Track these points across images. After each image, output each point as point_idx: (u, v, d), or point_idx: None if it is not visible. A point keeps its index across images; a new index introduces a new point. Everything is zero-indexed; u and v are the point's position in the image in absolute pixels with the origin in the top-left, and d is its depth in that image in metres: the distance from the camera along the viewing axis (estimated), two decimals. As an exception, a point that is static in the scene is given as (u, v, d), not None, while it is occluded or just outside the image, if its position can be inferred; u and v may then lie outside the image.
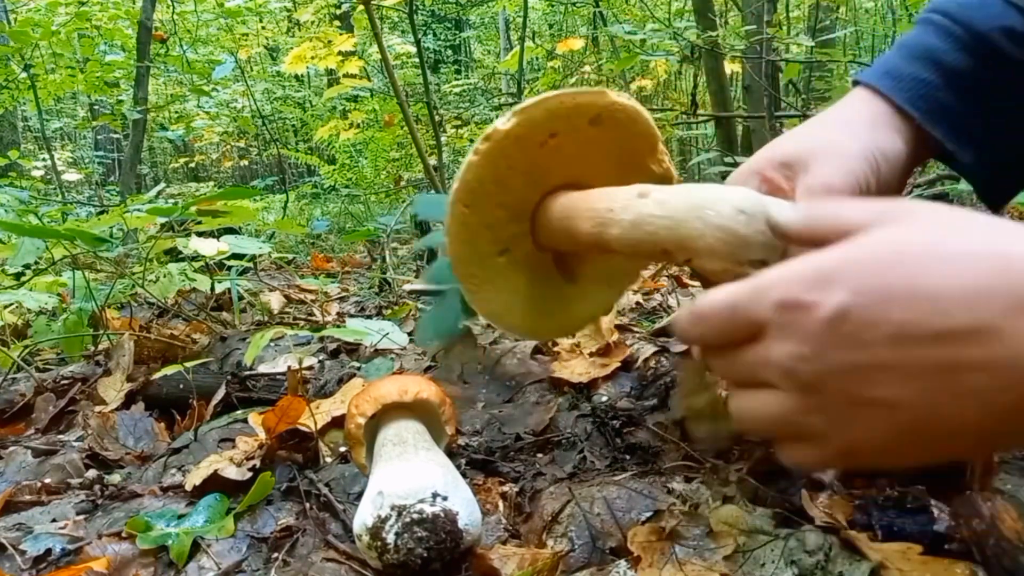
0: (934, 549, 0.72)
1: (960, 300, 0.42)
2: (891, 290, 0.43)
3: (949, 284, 0.42)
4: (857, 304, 0.44)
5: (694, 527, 0.78)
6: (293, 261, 3.61)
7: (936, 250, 0.44)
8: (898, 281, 0.43)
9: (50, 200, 4.85)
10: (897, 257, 0.44)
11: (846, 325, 0.44)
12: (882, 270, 0.44)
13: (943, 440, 0.46)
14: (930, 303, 0.42)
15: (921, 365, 0.43)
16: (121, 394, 1.42)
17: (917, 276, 0.43)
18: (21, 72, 4.67)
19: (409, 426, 0.89)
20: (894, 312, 0.43)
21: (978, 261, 0.43)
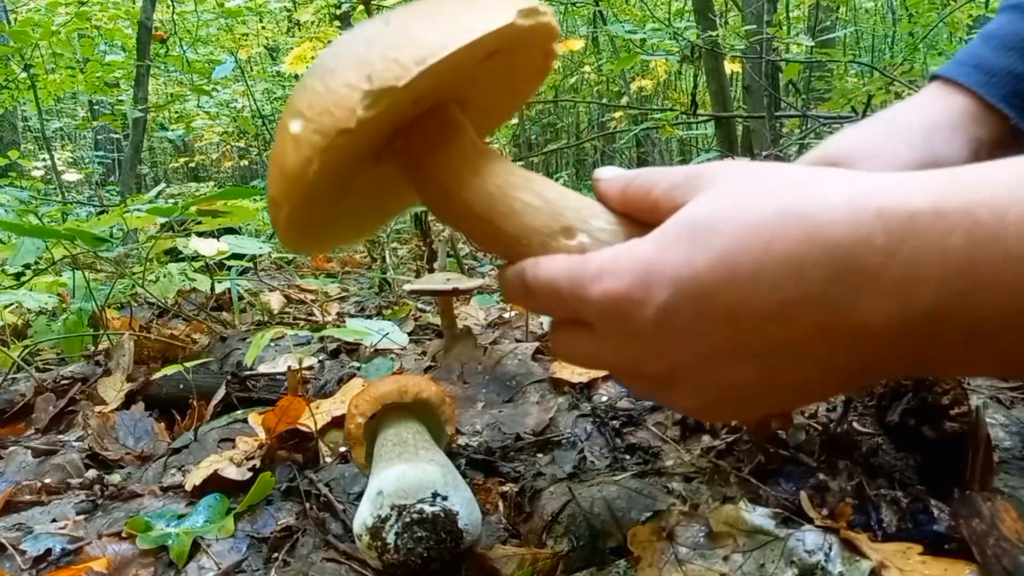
0: (934, 549, 0.72)
1: (777, 277, 0.40)
2: (710, 278, 0.42)
3: (762, 262, 0.40)
4: (681, 299, 0.42)
5: (694, 527, 0.78)
6: (293, 261, 3.61)
7: (744, 225, 0.42)
8: (716, 268, 0.42)
9: (50, 200, 4.85)
10: (706, 240, 0.42)
11: (674, 322, 0.43)
12: (695, 259, 0.42)
13: (793, 396, 0.48)
14: (748, 286, 0.41)
15: (757, 345, 0.43)
16: (121, 394, 1.42)
17: (730, 259, 0.41)
18: (21, 72, 4.67)
19: (409, 426, 0.89)
20: (717, 300, 0.42)
21: (786, 230, 0.40)
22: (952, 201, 0.38)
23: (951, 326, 0.39)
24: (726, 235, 0.41)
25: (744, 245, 0.41)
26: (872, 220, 0.39)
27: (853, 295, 0.39)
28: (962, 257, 0.37)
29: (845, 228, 0.39)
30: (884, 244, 0.38)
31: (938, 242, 0.37)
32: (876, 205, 0.39)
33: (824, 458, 0.87)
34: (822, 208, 0.40)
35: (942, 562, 0.69)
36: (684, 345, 0.44)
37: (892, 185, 0.40)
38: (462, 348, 1.42)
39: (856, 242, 0.39)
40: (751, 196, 0.43)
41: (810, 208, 0.40)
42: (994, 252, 0.36)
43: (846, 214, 0.39)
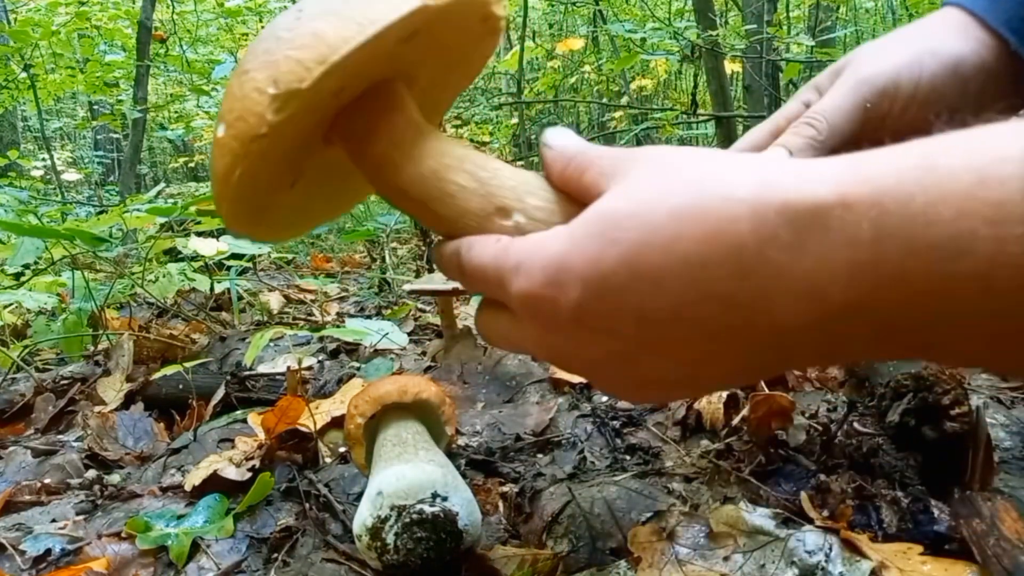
0: (934, 549, 0.72)
1: (682, 279, 0.40)
2: (616, 278, 0.41)
3: (665, 263, 0.40)
4: (591, 298, 0.42)
5: (694, 527, 0.78)
6: (293, 261, 3.61)
7: (647, 224, 0.41)
8: (621, 268, 0.41)
9: (50, 200, 4.85)
10: (613, 237, 0.42)
11: (588, 319, 0.43)
12: (602, 258, 0.42)
13: (716, 384, 0.51)
14: (653, 287, 0.40)
15: (670, 343, 0.43)
16: (120, 394, 1.42)
17: (633, 259, 0.41)
18: (21, 72, 4.67)
19: (409, 426, 0.89)
20: (625, 300, 0.41)
21: (689, 229, 0.39)
22: (859, 191, 0.36)
23: (861, 322, 0.37)
24: (631, 233, 0.41)
25: (647, 244, 0.40)
26: (776, 215, 0.37)
27: (762, 296, 0.38)
28: (869, 251, 0.35)
29: (748, 225, 0.38)
30: (790, 241, 0.37)
31: (845, 236, 0.36)
32: (780, 199, 0.37)
33: (824, 458, 0.87)
34: (725, 204, 0.39)
35: (942, 562, 0.69)
36: (599, 341, 0.44)
37: (797, 174, 0.38)
38: (462, 348, 1.42)
39: (761, 240, 0.37)
40: (658, 190, 0.42)
41: (713, 204, 0.39)
42: (899, 245, 0.35)
43: (749, 210, 0.38)
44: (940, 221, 0.34)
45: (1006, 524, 0.70)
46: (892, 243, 0.35)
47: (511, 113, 7.02)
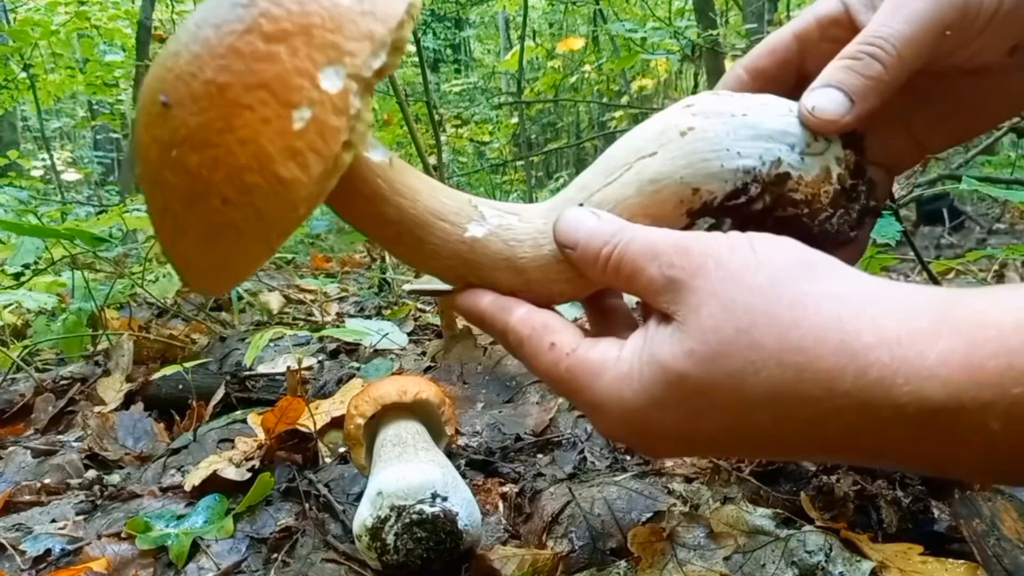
0: (934, 549, 0.72)
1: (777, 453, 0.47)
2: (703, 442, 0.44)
3: (765, 445, 0.42)
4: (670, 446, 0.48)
5: (694, 527, 0.78)
6: (293, 261, 3.61)
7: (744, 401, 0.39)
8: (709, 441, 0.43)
9: (49, 200, 4.85)
10: (702, 409, 0.41)
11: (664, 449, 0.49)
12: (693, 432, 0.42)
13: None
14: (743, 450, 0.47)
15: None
16: (120, 394, 1.42)
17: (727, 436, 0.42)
18: (21, 72, 4.67)
19: (409, 426, 0.89)
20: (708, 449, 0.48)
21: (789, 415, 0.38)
22: (976, 395, 0.34)
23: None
24: (722, 416, 0.40)
25: (744, 433, 0.40)
26: (886, 416, 0.36)
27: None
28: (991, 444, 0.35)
29: (858, 418, 0.36)
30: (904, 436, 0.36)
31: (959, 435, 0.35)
32: (891, 404, 0.35)
33: (824, 458, 0.87)
34: (828, 396, 0.37)
35: (942, 562, 0.69)
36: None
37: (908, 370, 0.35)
38: (462, 348, 1.42)
39: (877, 438, 0.37)
40: (745, 358, 0.38)
41: (814, 393, 0.37)
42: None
43: (858, 406, 0.36)
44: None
45: (1006, 524, 0.70)
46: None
47: (511, 113, 7.02)
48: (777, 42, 0.57)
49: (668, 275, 0.43)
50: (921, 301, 0.37)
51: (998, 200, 3.79)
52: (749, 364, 0.38)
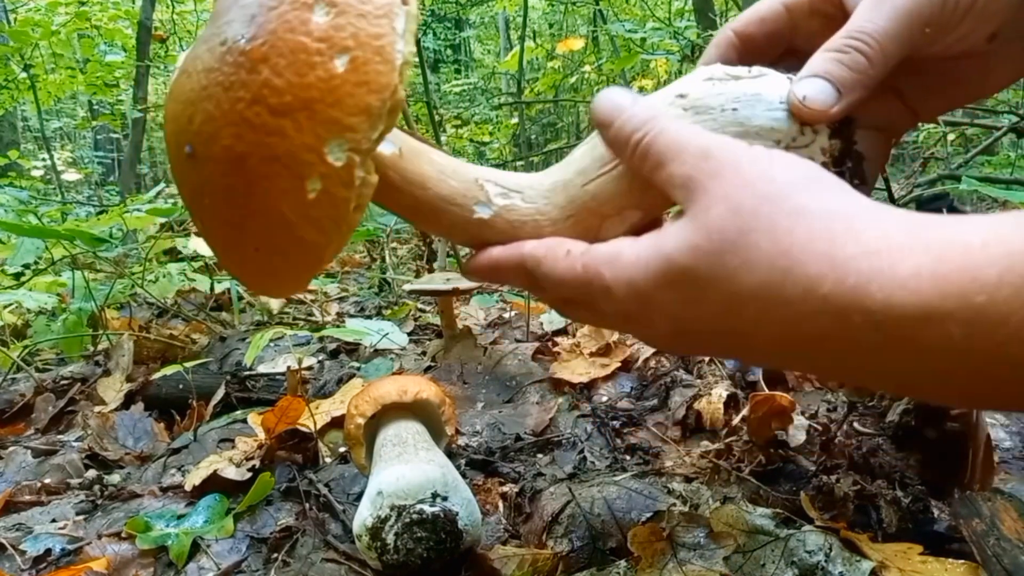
0: (934, 549, 0.72)
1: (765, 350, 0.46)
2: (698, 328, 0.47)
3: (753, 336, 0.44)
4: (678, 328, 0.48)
5: (694, 527, 0.78)
6: (293, 261, 3.60)
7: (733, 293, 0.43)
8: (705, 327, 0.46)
9: (50, 200, 4.85)
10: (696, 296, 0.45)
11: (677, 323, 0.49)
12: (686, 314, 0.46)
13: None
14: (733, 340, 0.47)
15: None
16: (121, 394, 1.42)
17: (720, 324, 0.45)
18: (21, 72, 4.67)
19: (409, 426, 0.89)
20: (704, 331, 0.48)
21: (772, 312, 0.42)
22: (947, 306, 0.36)
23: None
24: (713, 306, 0.44)
25: (731, 326, 0.44)
26: (862, 320, 0.38)
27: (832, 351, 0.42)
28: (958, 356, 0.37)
29: (831, 323, 0.39)
30: (873, 342, 0.38)
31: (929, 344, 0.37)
32: (863, 308, 0.38)
33: (824, 459, 0.87)
34: (807, 298, 0.40)
35: (942, 562, 0.69)
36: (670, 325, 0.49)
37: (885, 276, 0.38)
38: (462, 348, 1.42)
39: (845, 337, 0.39)
40: (742, 257, 0.42)
41: (795, 295, 0.40)
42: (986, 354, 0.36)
43: (834, 313, 0.39)
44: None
45: (1006, 524, 0.70)
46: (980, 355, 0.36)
47: (511, 113, 7.02)
48: (767, 11, 0.59)
49: (688, 174, 0.46)
50: (904, 220, 0.40)
51: (998, 200, 3.79)
52: (744, 263, 0.42)
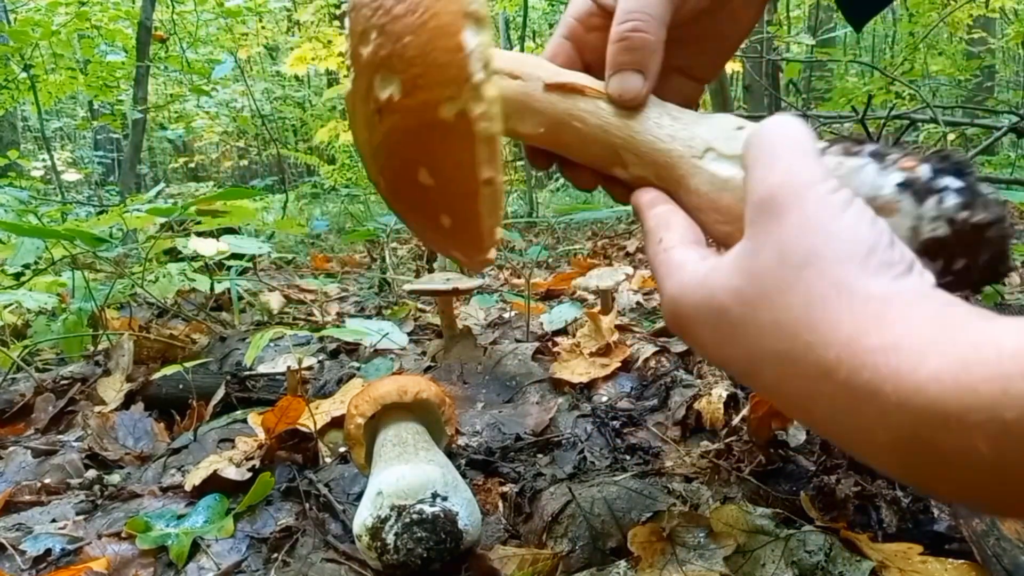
0: (934, 549, 0.72)
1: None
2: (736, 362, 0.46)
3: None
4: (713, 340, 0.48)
5: (694, 527, 0.78)
6: (293, 261, 3.61)
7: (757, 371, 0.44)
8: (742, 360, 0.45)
9: (50, 200, 4.85)
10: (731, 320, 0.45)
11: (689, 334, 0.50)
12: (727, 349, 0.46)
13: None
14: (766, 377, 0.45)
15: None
16: (121, 394, 1.42)
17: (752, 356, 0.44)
18: (21, 72, 4.67)
19: (409, 427, 0.89)
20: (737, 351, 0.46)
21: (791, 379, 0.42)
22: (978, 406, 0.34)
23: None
24: (739, 348, 0.45)
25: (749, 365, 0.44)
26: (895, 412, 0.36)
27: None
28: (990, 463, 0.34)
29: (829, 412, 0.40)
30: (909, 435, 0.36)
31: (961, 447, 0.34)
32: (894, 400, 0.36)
33: (824, 459, 0.87)
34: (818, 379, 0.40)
35: (942, 562, 0.69)
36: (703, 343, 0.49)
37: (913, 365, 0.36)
38: (462, 348, 1.42)
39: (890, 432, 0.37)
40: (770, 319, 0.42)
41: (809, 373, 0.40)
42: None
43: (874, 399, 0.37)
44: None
45: (1006, 524, 0.70)
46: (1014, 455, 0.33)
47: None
48: (556, 48, 0.66)
49: (769, 193, 0.46)
50: (939, 312, 0.38)
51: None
52: (773, 323, 0.42)
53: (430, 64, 0.47)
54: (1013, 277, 1.99)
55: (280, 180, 5.80)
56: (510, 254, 2.67)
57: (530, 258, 2.32)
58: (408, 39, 0.47)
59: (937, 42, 7.99)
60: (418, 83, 0.48)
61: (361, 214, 4.87)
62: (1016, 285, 1.93)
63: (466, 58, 0.47)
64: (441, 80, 0.47)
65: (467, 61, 0.47)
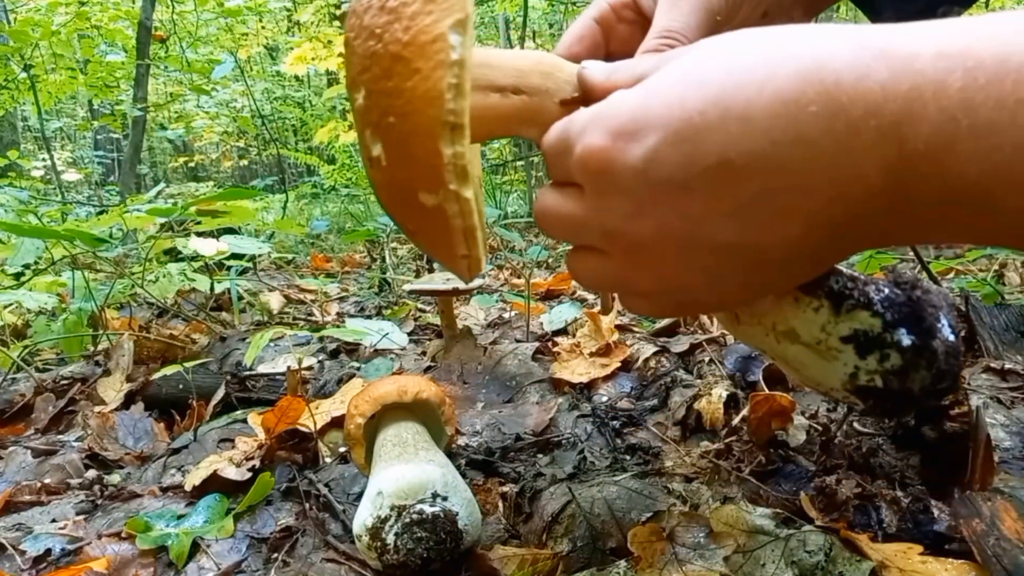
0: (934, 549, 0.72)
1: (772, 118, 0.38)
2: (702, 119, 0.39)
3: (756, 101, 0.38)
4: (668, 145, 0.40)
5: (694, 527, 0.78)
6: (293, 261, 3.61)
7: (737, 67, 0.39)
8: (708, 107, 0.39)
9: (50, 200, 4.85)
10: (698, 81, 0.40)
11: (661, 170, 0.40)
12: (688, 98, 0.40)
13: (776, 272, 0.45)
14: (741, 127, 0.38)
15: (745, 197, 0.40)
16: (121, 394, 1.42)
17: (723, 98, 0.39)
18: (21, 73, 4.67)
19: (409, 426, 0.89)
20: (709, 144, 0.39)
21: (782, 67, 0.38)
22: (954, 43, 0.36)
23: (935, 178, 0.37)
24: (719, 75, 0.40)
25: (738, 84, 0.39)
26: (874, 58, 0.37)
27: (851, 139, 0.37)
28: (959, 97, 0.35)
29: (846, 62, 0.37)
30: (886, 79, 0.37)
31: (937, 80, 0.36)
32: (879, 45, 0.38)
33: (824, 459, 0.87)
34: (822, 46, 0.38)
35: (942, 562, 0.69)
36: (667, 200, 0.41)
37: (892, 31, 0.39)
38: (462, 348, 1.42)
39: (857, 77, 0.37)
40: (744, 41, 0.41)
41: (807, 44, 0.39)
42: (990, 96, 0.34)
43: (846, 52, 0.38)
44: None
45: (1006, 524, 0.70)
46: (981, 94, 0.35)
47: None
48: (583, 29, 0.65)
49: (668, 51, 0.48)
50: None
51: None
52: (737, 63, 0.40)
53: (410, 155, 0.47)
54: (1013, 277, 1.99)
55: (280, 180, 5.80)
56: (510, 254, 2.67)
57: (530, 258, 2.32)
58: (392, 120, 0.46)
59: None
60: (401, 162, 0.48)
61: (361, 214, 4.87)
62: (1016, 285, 1.93)
63: (442, 167, 0.46)
64: (420, 173, 0.47)
65: (443, 170, 0.46)
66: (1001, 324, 1.20)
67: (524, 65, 0.54)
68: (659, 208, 0.42)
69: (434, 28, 0.44)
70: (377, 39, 0.46)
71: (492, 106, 0.52)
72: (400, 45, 0.45)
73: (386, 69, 0.45)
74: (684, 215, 0.41)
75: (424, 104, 0.45)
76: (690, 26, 0.60)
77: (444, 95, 0.44)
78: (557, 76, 0.54)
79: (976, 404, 0.83)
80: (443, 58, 0.44)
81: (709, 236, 0.42)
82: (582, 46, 0.66)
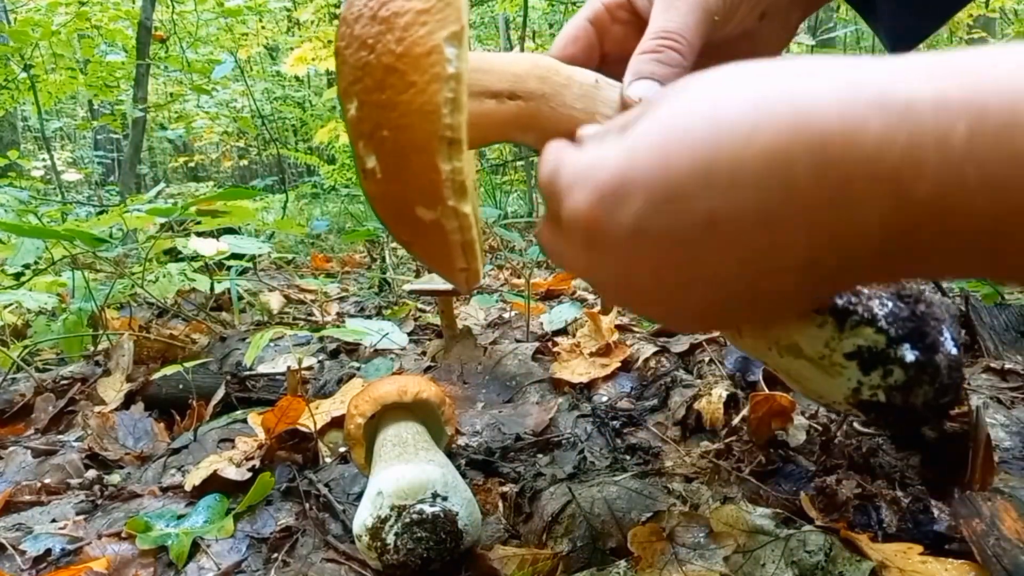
0: (934, 549, 0.72)
1: (760, 176, 0.36)
2: (687, 182, 0.38)
3: (743, 158, 0.36)
4: (654, 211, 0.39)
5: (694, 527, 0.78)
6: (293, 261, 3.61)
7: (721, 117, 0.37)
8: (692, 170, 0.38)
9: (50, 200, 4.85)
10: (681, 138, 0.38)
11: (650, 231, 0.40)
12: (671, 161, 0.38)
13: (768, 304, 0.44)
14: (728, 187, 0.37)
15: (739, 249, 0.39)
16: (121, 394, 1.42)
17: (708, 156, 0.37)
18: (21, 73, 4.67)
19: (409, 426, 0.89)
20: (696, 205, 0.38)
21: (769, 121, 0.36)
22: (956, 87, 0.33)
23: (932, 229, 0.35)
24: (701, 131, 0.38)
25: (723, 138, 0.37)
26: (867, 107, 0.35)
27: (845, 191, 0.36)
28: (964, 149, 0.33)
29: (836, 115, 0.35)
30: (880, 131, 0.34)
31: (939, 130, 0.33)
32: (871, 92, 0.35)
33: (824, 458, 0.87)
34: (809, 95, 0.36)
35: (942, 562, 0.69)
36: (658, 255, 0.41)
37: (886, 71, 0.36)
38: (462, 348, 1.42)
39: (850, 130, 0.35)
40: (730, 86, 0.39)
41: (798, 94, 0.36)
42: (1003, 148, 0.32)
43: (837, 101, 0.35)
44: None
45: (1006, 524, 0.70)
46: (992, 146, 0.32)
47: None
48: (577, 29, 0.65)
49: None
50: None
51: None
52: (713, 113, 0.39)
53: (406, 170, 0.46)
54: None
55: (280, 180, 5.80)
56: (510, 254, 2.67)
57: (530, 258, 2.32)
58: (386, 133, 0.45)
59: (937, 42, 8.00)
60: (397, 176, 0.46)
61: (361, 214, 4.87)
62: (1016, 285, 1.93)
63: (440, 183, 0.45)
64: (417, 188, 0.46)
65: (441, 186, 0.45)
66: (1001, 324, 1.20)
67: (520, 69, 0.53)
68: (650, 262, 0.42)
69: (428, 40, 0.43)
70: (369, 50, 0.45)
71: (488, 112, 0.51)
72: (393, 56, 0.44)
73: (379, 81, 0.44)
74: (677, 265, 0.41)
75: (420, 119, 0.44)
76: (688, 26, 0.59)
77: (440, 109, 0.43)
78: (553, 80, 0.53)
79: (976, 404, 0.83)
80: (439, 71, 0.43)
81: (704, 278, 0.42)
82: (576, 47, 0.65)
